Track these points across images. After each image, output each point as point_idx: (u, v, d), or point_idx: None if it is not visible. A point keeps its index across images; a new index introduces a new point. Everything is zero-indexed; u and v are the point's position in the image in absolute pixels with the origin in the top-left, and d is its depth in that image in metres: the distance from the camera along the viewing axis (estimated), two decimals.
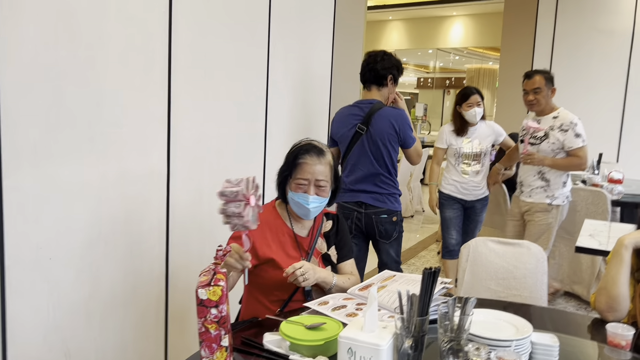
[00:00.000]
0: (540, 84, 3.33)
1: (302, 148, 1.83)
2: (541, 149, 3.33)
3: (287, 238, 1.82)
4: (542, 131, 3.33)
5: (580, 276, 3.99)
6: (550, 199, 3.39)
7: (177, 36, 2.12)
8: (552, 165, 3.33)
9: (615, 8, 6.02)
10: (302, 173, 1.80)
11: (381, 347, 1.18)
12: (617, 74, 5.99)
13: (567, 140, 3.27)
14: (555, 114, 3.37)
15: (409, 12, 10.90)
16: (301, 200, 1.79)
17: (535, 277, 2.18)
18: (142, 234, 2.08)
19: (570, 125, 3.28)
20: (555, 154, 3.32)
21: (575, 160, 3.32)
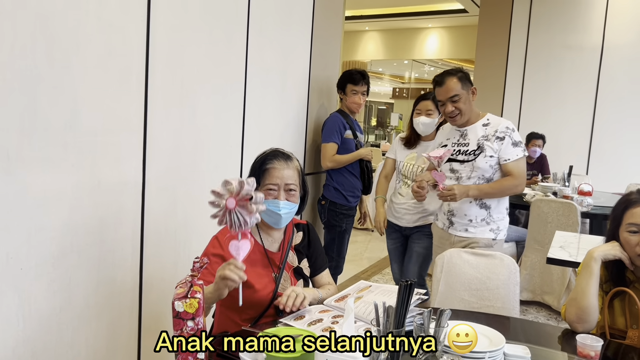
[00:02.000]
0: (455, 89, 2.53)
1: (268, 155, 1.81)
2: (477, 167, 2.55)
3: (258, 255, 1.80)
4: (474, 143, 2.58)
5: (551, 286, 4.07)
6: (494, 232, 2.63)
7: (154, 44, 2.11)
8: (480, 195, 2.56)
9: (585, 25, 6.19)
10: (271, 178, 1.76)
11: (358, 359, 1.19)
12: (587, 88, 6.16)
13: (502, 151, 2.53)
14: (484, 121, 2.62)
15: (385, 23, 11.02)
16: (272, 207, 1.75)
17: (508, 288, 2.21)
18: (115, 244, 2.05)
19: (507, 132, 2.54)
20: (494, 172, 2.57)
21: (510, 181, 2.53)
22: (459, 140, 2.65)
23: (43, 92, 1.71)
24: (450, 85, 2.54)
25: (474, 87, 2.59)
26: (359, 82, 3.42)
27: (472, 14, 9.24)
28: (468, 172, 2.58)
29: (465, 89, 2.55)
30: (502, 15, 6.69)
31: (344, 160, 3.40)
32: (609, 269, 1.75)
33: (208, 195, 2.49)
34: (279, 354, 1.32)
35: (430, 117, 3.04)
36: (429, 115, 3.04)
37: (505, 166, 2.54)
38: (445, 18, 10.23)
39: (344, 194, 3.44)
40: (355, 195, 3.50)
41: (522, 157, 2.55)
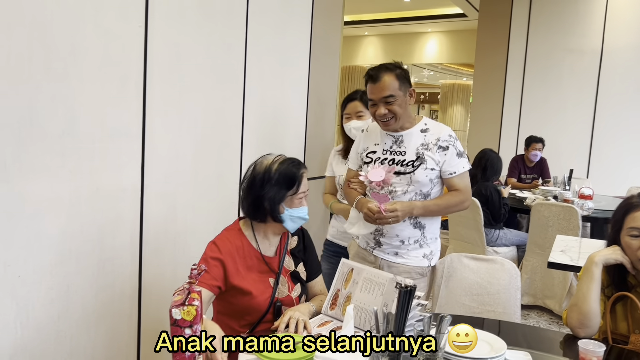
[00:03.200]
0: (391, 88, 2.09)
1: (295, 161, 1.82)
2: (415, 181, 2.13)
3: (255, 261, 1.79)
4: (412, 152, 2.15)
5: (553, 291, 4.05)
6: (428, 259, 2.22)
7: (152, 52, 2.10)
8: (425, 214, 2.16)
9: (585, 28, 6.20)
10: (303, 186, 1.80)
11: None
12: (587, 92, 6.16)
13: (447, 162, 2.14)
14: (421, 126, 2.19)
15: (384, 28, 11.05)
16: (302, 214, 1.80)
17: (509, 292, 2.20)
18: (114, 251, 2.04)
19: (450, 140, 2.16)
20: (433, 186, 2.17)
21: (457, 197, 2.17)
22: (392, 147, 2.20)
23: (40, 100, 1.70)
24: (386, 83, 2.09)
25: (412, 88, 2.18)
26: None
27: (472, 18, 9.25)
28: (404, 187, 2.14)
29: (402, 89, 2.12)
30: (501, 19, 6.70)
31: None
32: (611, 274, 1.74)
33: (208, 202, 2.50)
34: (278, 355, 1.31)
35: (361, 120, 2.64)
36: (360, 117, 2.65)
37: (451, 180, 2.16)
38: (445, 22, 10.26)
39: None
40: None
41: (467, 170, 2.18)
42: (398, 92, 2.10)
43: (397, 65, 2.16)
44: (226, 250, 1.73)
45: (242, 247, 1.78)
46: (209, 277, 1.68)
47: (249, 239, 1.81)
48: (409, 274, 2.16)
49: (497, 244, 4.20)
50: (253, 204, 1.78)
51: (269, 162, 1.80)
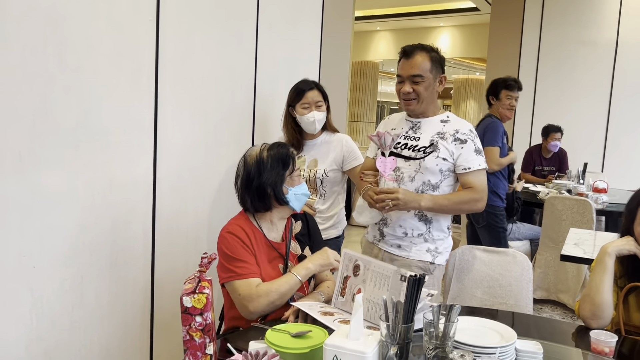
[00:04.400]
0: (422, 68, 2.04)
1: (281, 145, 1.87)
2: (424, 168, 2.05)
3: (264, 248, 1.82)
4: (426, 139, 2.09)
5: (567, 285, 4.02)
6: (432, 254, 2.12)
7: (164, 45, 2.12)
8: (433, 208, 2.05)
9: (599, 20, 6.12)
10: (297, 163, 1.87)
11: (366, 354, 1.18)
12: (602, 84, 6.08)
13: (463, 156, 2.05)
14: (443, 117, 2.14)
15: (396, 22, 11.00)
16: (304, 190, 1.86)
17: (521, 285, 2.19)
18: (127, 243, 2.06)
19: (470, 135, 2.07)
20: (443, 179, 2.08)
21: (471, 194, 2.05)
22: (407, 132, 2.15)
23: (54, 93, 1.73)
24: (418, 61, 2.04)
25: (444, 75, 2.13)
26: (513, 88, 3.63)
27: (484, 12, 9.18)
28: (412, 173, 2.07)
29: (433, 72, 2.06)
30: (514, 12, 6.63)
31: (504, 163, 3.57)
32: (624, 264, 1.72)
33: (220, 194, 2.51)
34: (288, 349, 1.32)
35: (320, 111, 2.48)
36: (319, 107, 2.48)
37: (465, 176, 2.06)
38: (457, 17, 10.19)
39: (500, 196, 3.59)
40: (504, 198, 3.64)
41: (484, 169, 2.09)
42: (428, 73, 2.05)
43: (434, 48, 2.11)
44: (245, 238, 1.75)
45: (254, 234, 1.81)
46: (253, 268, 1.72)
47: (253, 227, 1.83)
48: (409, 267, 2.07)
49: (511, 238, 4.17)
50: (257, 195, 1.82)
51: (257, 152, 1.85)
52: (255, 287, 1.68)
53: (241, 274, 1.70)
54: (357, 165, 2.50)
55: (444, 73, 2.14)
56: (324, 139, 2.55)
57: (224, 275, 1.73)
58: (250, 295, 1.66)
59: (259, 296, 1.66)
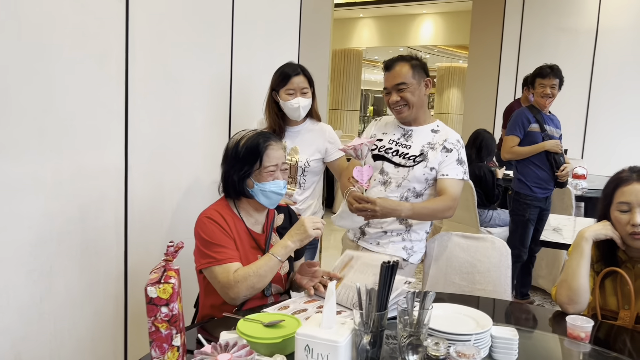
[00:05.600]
0: (404, 76, 2.13)
1: (262, 135, 1.79)
2: (412, 176, 2.12)
3: (244, 236, 1.78)
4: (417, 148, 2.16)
5: (546, 270, 4.04)
6: (407, 252, 2.18)
7: (134, 26, 2.05)
8: (413, 217, 2.12)
9: (579, 8, 6.13)
10: (271, 160, 1.77)
11: (339, 343, 1.15)
12: (582, 72, 6.10)
13: (444, 163, 2.12)
14: (434, 126, 2.22)
15: (379, 9, 10.92)
16: (275, 188, 1.76)
17: (499, 270, 2.18)
18: (98, 232, 2.00)
19: (456, 145, 2.16)
20: (427, 187, 2.16)
21: (443, 202, 2.09)
22: (399, 139, 2.21)
23: (15, 76, 1.65)
24: (400, 71, 2.13)
25: (428, 78, 2.19)
26: (547, 75, 3.57)
27: None
28: (399, 179, 2.14)
29: (416, 77, 2.14)
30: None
31: (523, 152, 3.56)
32: (601, 249, 1.71)
33: (194, 181, 2.46)
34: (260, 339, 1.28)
35: (306, 97, 2.39)
36: (304, 94, 2.39)
37: (442, 182, 2.11)
38: (440, 4, 10.15)
39: (528, 184, 3.58)
40: (543, 187, 3.60)
41: (462, 180, 2.14)
42: (411, 80, 2.13)
43: (414, 56, 2.21)
44: (224, 223, 1.71)
45: (234, 221, 1.76)
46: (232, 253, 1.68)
47: (234, 215, 1.79)
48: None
49: (491, 225, 4.17)
50: (224, 181, 1.80)
51: (238, 138, 1.80)
52: (233, 272, 1.63)
53: (220, 259, 1.65)
54: (338, 157, 2.46)
55: (428, 76, 2.19)
56: (307, 127, 2.47)
57: (202, 262, 1.68)
58: (229, 282, 1.62)
59: (237, 281, 1.62)
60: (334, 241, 4.18)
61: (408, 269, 2.20)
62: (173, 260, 1.20)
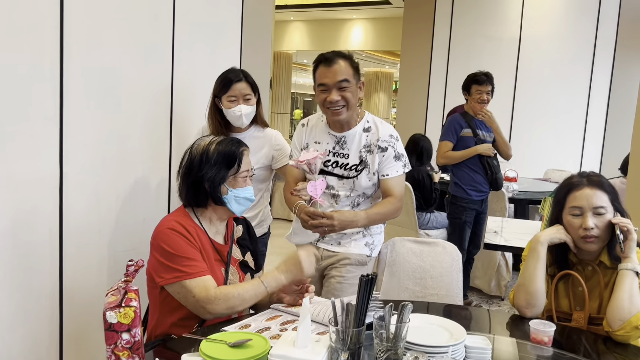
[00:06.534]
0: (347, 73, 1.99)
1: (233, 141, 1.71)
2: (359, 185, 2.06)
3: (208, 247, 1.67)
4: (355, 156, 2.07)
5: (482, 270, 4.17)
6: (369, 248, 2.14)
7: (70, 23, 1.88)
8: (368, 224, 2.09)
9: (503, 17, 6.42)
10: (245, 164, 1.70)
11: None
12: (507, 77, 6.38)
13: (382, 164, 2.06)
14: (364, 124, 2.10)
15: (310, 13, 10.94)
16: (248, 194, 1.70)
17: (451, 275, 2.20)
18: (30, 246, 1.82)
19: (390, 142, 2.07)
20: (375, 188, 2.11)
21: (392, 204, 2.06)
22: (335, 148, 2.10)
23: None
24: (342, 67, 1.98)
25: (362, 81, 2.09)
26: (483, 82, 3.61)
27: (396, 6, 9.35)
28: (347, 191, 2.08)
29: (355, 78, 2.02)
30: (426, 7, 6.79)
31: (456, 157, 3.59)
32: (553, 253, 1.75)
33: (136, 190, 2.31)
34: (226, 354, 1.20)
35: (249, 104, 2.31)
36: (247, 101, 2.30)
37: (385, 183, 2.07)
38: (369, 10, 10.31)
39: (464, 188, 3.60)
40: (478, 189, 3.62)
41: (403, 173, 2.10)
42: (352, 79, 2.00)
43: (351, 56, 2.07)
44: (188, 235, 1.59)
45: (197, 232, 1.64)
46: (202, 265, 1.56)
47: (199, 224, 1.68)
48: (349, 260, 2.09)
49: (429, 227, 4.25)
50: (192, 188, 1.67)
51: (206, 143, 1.70)
52: (214, 288, 1.53)
53: (191, 272, 1.53)
54: (286, 163, 2.32)
55: (362, 80, 2.10)
56: (252, 134, 2.37)
57: (167, 276, 1.54)
58: (208, 297, 1.51)
59: (218, 298, 1.52)
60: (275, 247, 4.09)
61: (371, 263, 2.16)
62: (132, 280, 1.09)
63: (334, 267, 2.10)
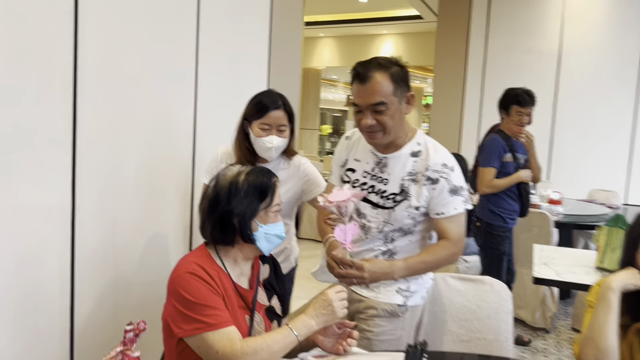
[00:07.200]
0: (384, 93, 1.60)
1: (263, 171, 1.51)
2: (394, 219, 1.71)
3: (232, 293, 1.47)
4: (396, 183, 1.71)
5: (525, 300, 3.88)
6: (403, 295, 1.76)
7: (84, 42, 1.75)
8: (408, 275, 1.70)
9: (542, 30, 6.15)
10: (278, 197, 1.51)
11: None
12: (546, 92, 6.10)
13: (435, 200, 1.68)
14: (413, 146, 1.74)
15: (340, 29, 10.83)
16: (279, 231, 1.50)
17: (500, 317, 1.96)
18: (38, 284, 1.68)
19: (443, 172, 1.69)
20: (417, 223, 1.73)
21: (447, 250, 1.70)
22: (373, 169, 1.76)
23: None
24: (378, 86, 1.59)
25: (411, 92, 1.68)
26: (526, 104, 3.31)
27: (428, 20, 9.15)
28: (380, 223, 1.73)
29: (398, 94, 1.63)
30: (460, 20, 6.58)
31: (502, 185, 3.30)
32: (626, 300, 1.51)
33: (155, 218, 2.16)
34: None
35: (283, 136, 2.01)
36: (281, 132, 2.01)
37: (439, 223, 1.70)
38: (400, 24, 10.13)
39: (503, 216, 3.33)
40: (513, 217, 3.38)
41: (463, 211, 1.71)
42: (391, 98, 1.61)
43: (394, 61, 1.65)
44: (210, 280, 1.40)
45: (219, 276, 1.44)
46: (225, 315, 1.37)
47: (221, 266, 1.48)
48: (376, 311, 1.74)
49: (467, 253, 4.00)
50: (219, 224, 1.46)
51: (234, 174, 1.49)
52: (240, 340, 1.33)
53: (213, 323, 1.34)
54: (319, 193, 2.04)
55: (410, 90, 1.68)
56: (277, 165, 2.09)
57: (187, 328, 1.35)
58: (234, 353, 1.31)
59: (245, 353, 1.31)
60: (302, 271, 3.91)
61: (409, 314, 1.78)
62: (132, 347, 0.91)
63: (360, 316, 1.77)
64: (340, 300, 1.44)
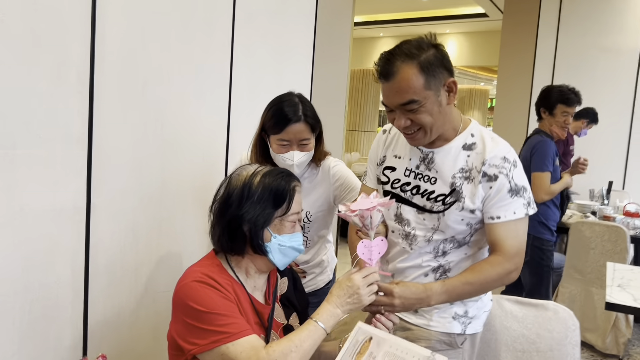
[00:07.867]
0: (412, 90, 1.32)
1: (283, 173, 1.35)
2: (445, 225, 1.42)
3: (247, 306, 1.30)
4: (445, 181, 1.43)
5: (595, 323, 3.50)
6: (462, 323, 1.49)
7: (103, 30, 1.62)
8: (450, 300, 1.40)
9: (621, 26, 5.66)
10: (297, 205, 1.34)
11: None
12: (624, 94, 5.61)
13: (491, 200, 1.39)
14: (466, 137, 1.45)
15: (400, 29, 10.53)
16: (296, 243, 1.33)
17: (565, 350, 1.68)
18: (48, 290, 1.56)
19: (503, 167, 1.38)
20: (473, 231, 1.44)
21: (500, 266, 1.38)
22: (418, 167, 1.49)
23: None
24: (404, 82, 1.32)
25: (451, 79, 1.37)
26: (573, 103, 3.06)
27: (493, 18, 8.72)
28: (427, 232, 1.45)
29: (433, 86, 1.33)
30: (528, 18, 6.17)
31: (557, 191, 3.04)
32: None
33: (180, 220, 2.02)
34: None
35: (305, 150, 1.76)
36: (303, 147, 1.76)
37: (492, 229, 1.40)
38: (464, 23, 9.73)
39: (551, 228, 3.08)
40: (556, 229, 3.15)
41: (524, 216, 1.41)
42: (424, 92, 1.32)
43: (422, 44, 1.36)
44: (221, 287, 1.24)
45: (232, 286, 1.28)
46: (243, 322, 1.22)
47: (234, 276, 1.32)
48: (429, 342, 1.45)
49: None
50: (228, 230, 1.29)
51: (248, 174, 1.33)
52: (264, 348, 1.17)
53: (232, 332, 1.17)
54: (353, 196, 1.81)
55: (452, 75, 1.37)
56: (305, 173, 1.86)
57: (201, 342, 1.18)
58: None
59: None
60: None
61: (468, 344, 1.50)
62: None
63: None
64: (368, 286, 1.26)
